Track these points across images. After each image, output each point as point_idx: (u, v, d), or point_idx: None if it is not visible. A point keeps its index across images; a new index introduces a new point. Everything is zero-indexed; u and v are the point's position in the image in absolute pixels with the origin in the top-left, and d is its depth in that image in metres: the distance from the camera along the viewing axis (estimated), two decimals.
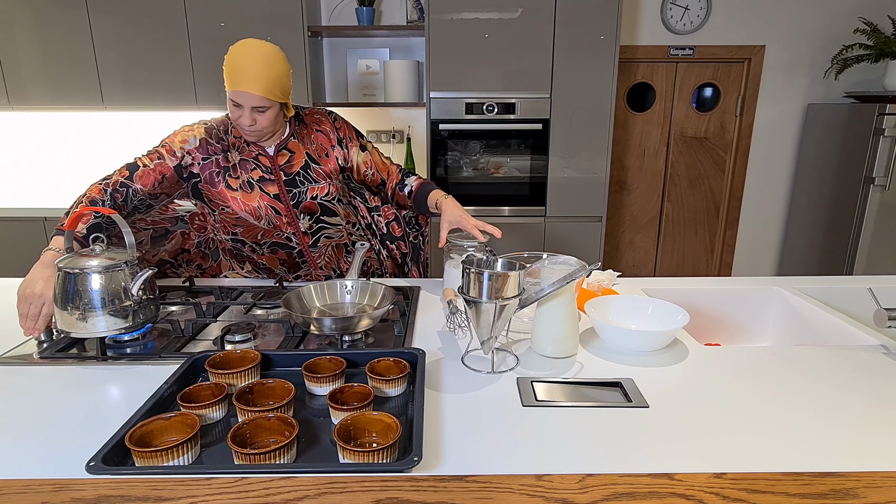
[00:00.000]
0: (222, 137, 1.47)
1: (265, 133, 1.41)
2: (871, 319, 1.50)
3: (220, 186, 1.45)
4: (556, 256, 1.16)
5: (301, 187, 1.48)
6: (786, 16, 3.40)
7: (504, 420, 0.88)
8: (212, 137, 1.46)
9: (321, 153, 1.51)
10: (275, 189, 1.46)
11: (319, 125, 1.53)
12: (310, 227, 1.53)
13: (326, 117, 1.55)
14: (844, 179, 3.25)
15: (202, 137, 1.45)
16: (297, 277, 1.64)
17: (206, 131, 1.46)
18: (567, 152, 3.01)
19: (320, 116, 1.55)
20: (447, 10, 2.81)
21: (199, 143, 1.45)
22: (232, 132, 1.48)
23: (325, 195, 1.51)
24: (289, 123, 1.50)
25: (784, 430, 0.86)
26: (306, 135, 1.51)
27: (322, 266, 1.61)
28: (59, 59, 2.97)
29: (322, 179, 1.50)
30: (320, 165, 1.51)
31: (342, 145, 1.54)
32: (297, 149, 1.49)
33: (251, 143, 1.47)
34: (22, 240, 3.00)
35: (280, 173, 1.47)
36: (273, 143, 1.47)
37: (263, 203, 1.46)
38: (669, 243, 3.85)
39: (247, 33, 2.94)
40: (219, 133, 1.47)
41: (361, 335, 1.21)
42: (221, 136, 1.47)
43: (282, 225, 1.50)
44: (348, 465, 0.74)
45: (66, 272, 1.06)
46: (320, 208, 1.52)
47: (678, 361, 1.10)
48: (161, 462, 0.74)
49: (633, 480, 0.72)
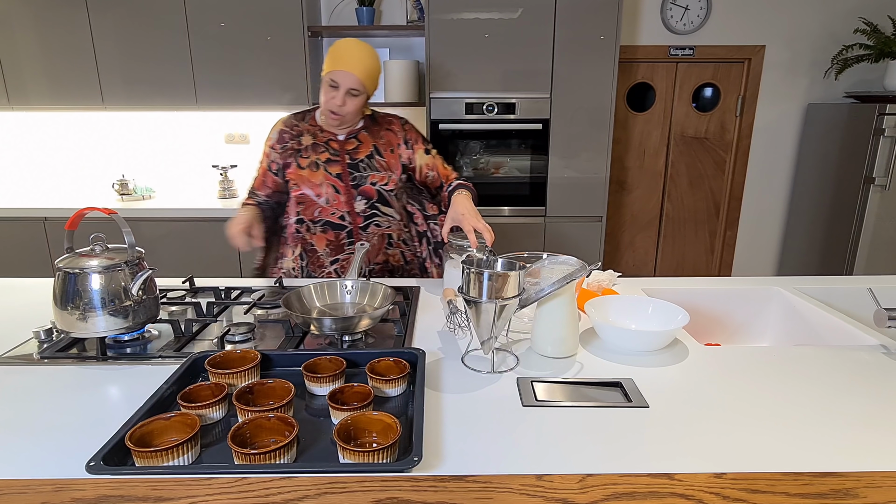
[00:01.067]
0: (297, 124, 1.64)
1: (346, 122, 1.56)
2: (871, 319, 1.50)
3: (293, 167, 1.60)
4: (556, 256, 1.16)
5: (363, 172, 1.60)
6: (786, 16, 3.40)
7: (504, 420, 0.88)
8: (288, 127, 1.63)
9: (387, 148, 1.64)
10: (338, 169, 1.59)
11: (390, 125, 1.67)
12: (364, 211, 1.62)
13: (398, 121, 1.69)
14: (844, 179, 3.25)
15: (280, 129, 1.64)
16: (335, 262, 1.67)
17: (284, 123, 1.65)
18: (567, 152, 3.01)
19: (392, 119, 1.69)
20: (447, 10, 2.81)
21: (278, 136, 1.63)
22: (308, 120, 1.64)
23: (383, 184, 1.62)
24: (363, 120, 1.65)
25: (784, 430, 0.85)
26: (377, 131, 1.65)
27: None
28: (59, 59, 2.98)
29: (383, 170, 1.62)
30: (384, 158, 1.63)
31: (408, 146, 1.66)
32: (366, 140, 1.63)
33: (325, 129, 1.61)
34: (22, 240, 3.00)
35: (345, 156, 1.60)
36: (345, 132, 1.62)
37: (326, 181, 1.58)
38: (669, 243, 3.85)
39: (247, 33, 2.94)
40: (294, 121, 1.64)
41: (361, 335, 1.21)
42: (296, 123, 1.64)
43: (339, 203, 1.60)
44: (348, 465, 0.74)
45: (66, 272, 1.06)
46: (377, 194, 1.62)
47: (678, 361, 1.10)
48: (161, 462, 0.74)
49: (633, 480, 0.72)
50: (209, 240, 2.99)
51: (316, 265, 1.67)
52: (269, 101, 3.05)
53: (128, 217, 3.00)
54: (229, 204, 3.13)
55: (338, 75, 1.47)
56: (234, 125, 3.41)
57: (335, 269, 1.67)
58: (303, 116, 1.65)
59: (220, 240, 2.96)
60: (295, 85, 3.02)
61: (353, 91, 1.49)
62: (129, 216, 2.99)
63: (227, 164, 3.38)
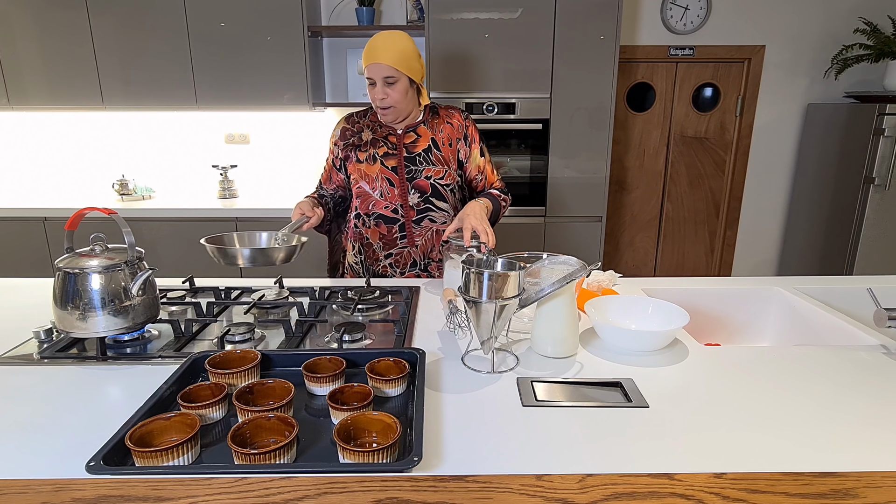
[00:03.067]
0: (357, 121, 1.67)
1: (399, 112, 1.56)
2: (871, 319, 1.50)
3: (352, 161, 1.65)
4: (556, 256, 1.16)
5: (418, 166, 1.62)
6: (786, 16, 3.40)
7: (504, 420, 0.88)
8: (350, 123, 1.67)
9: (446, 142, 1.65)
10: (394, 162, 1.62)
11: (451, 118, 1.68)
12: (417, 205, 1.64)
13: (460, 114, 1.70)
14: (844, 179, 3.25)
15: (342, 126, 1.68)
16: (389, 256, 1.69)
17: (346, 119, 1.68)
18: (567, 152, 3.01)
19: (454, 111, 1.70)
20: (447, 10, 2.81)
21: (340, 132, 1.68)
22: (369, 116, 1.67)
23: (439, 178, 1.64)
24: (423, 112, 1.66)
25: (784, 430, 0.85)
26: (437, 124, 1.66)
27: (418, 245, 1.68)
28: (59, 59, 2.98)
29: (440, 164, 1.64)
30: (441, 152, 1.65)
31: (466, 141, 1.68)
32: (425, 133, 1.64)
33: (384, 124, 1.64)
34: (22, 240, 3.00)
35: (403, 149, 1.63)
36: (404, 126, 1.64)
37: (381, 174, 1.61)
38: (669, 243, 3.85)
39: (247, 33, 2.94)
40: (355, 118, 1.68)
41: (362, 335, 1.21)
42: (357, 119, 1.67)
43: (393, 196, 1.63)
44: (348, 465, 0.74)
45: (66, 272, 1.06)
46: (431, 189, 1.64)
47: (678, 361, 1.10)
48: (161, 462, 0.74)
49: (633, 480, 0.72)
50: None
51: (372, 259, 1.70)
52: (269, 101, 3.05)
53: (128, 217, 3.00)
54: (229, 204, 3.13)
55: (369, 70, 1.50)
56: (234, 125, 3.41)
57: (389, 262, 1.69)
58: (364, 113, 1.68)
59: None
60: (295, 85, 3.02)
61: (388, 79, 1.50)
62: (128, 216, 2.99)
63: (227, 164, 3.38)
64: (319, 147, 3.45)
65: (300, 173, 3.49)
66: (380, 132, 1.64)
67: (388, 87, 1.50)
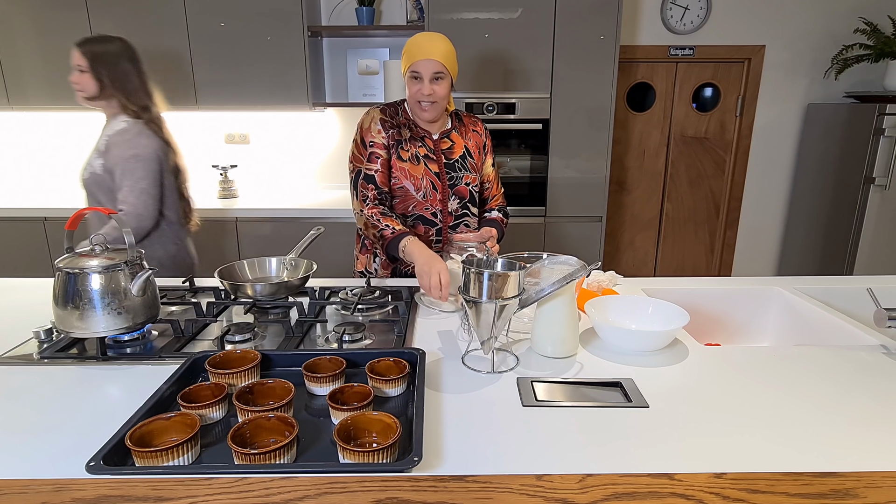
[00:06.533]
0: (393, 116, 1.62)
1: (439, 109, 1.56)
2: (871, 319, 1.50)
3: (393, 157, 1.59)
4: (556, 256, 1.16)
5: (458, 173, 1.65)
6: (786, 16, 3.40)
7: (504, 420, 0.88)
8: (387, 116, 1.61)
9: (474, 149, 1.70)
10: (436, 167, 1.62)
11: (475, 126, 1.72)
12: (456, 210, 1.66)
13: (480, 123, 1.75)
14: (844, 179, 3.25)
15: (380, 118, 1.60)
16: None
17: (381, 111, 1.62)
18: (567, 152, 3.01)
19: (476, 120, 1.74)
20: (447, 10, 2.81)
21: (380, 123, 1.60)
22: (402, 114, 1.63)
23: (475, 185, 1.69)
24: (450, 118, 1.68)
25: (784, 430, 0.85)
26: (464, 131, 1.69)
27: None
28: (59, 59, 2.97)
29: (474, 171, 1.68)
30: (473, 159, 1.69)
31: (485, 150, 1.74)
32: (458, 140, 1.67)
33: (419, 126, 1.62)
34: (22, 240, 3.00)
35: (441, 156, 1.63)
36: (437, 131, 1.64)
37: (426, 176, 1.61)
38: (669, 243, 3.85)
39: (247, 33, 2.94)
40: (391, 111, 1.62)
41: (362, 335, 1.21)
42: (393, 114, 1.62)
43: (434, 200, 1.63)
44: (348, 465, 0.74)
45: (66, 272, 1.06)
46: (469, 195, 1.67)
47: (678, 361, 1.10)
48: (161, 462, 0.74)
49: (633, 480, 0.72)
50: (209, 240, 2.99)
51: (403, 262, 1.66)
52: (269, 101, 3.05)
53: None
54: (229, 204, 3.12)
55: (418, 65, 1.51)
56: (234, 125, 3.41)
57: None
58: (395, 110, 1.64)
59: (220, 240, 2.96)
60: (295, 85, 3.02)
61: (437, 75, 1.51)
62: None
63: (227, 164, 3.38)
64: (319, 147, 3.45)
65: (300, 173, 3.49)
66: (416, 132, 1.62)
67: (434, 83, 1.52)
